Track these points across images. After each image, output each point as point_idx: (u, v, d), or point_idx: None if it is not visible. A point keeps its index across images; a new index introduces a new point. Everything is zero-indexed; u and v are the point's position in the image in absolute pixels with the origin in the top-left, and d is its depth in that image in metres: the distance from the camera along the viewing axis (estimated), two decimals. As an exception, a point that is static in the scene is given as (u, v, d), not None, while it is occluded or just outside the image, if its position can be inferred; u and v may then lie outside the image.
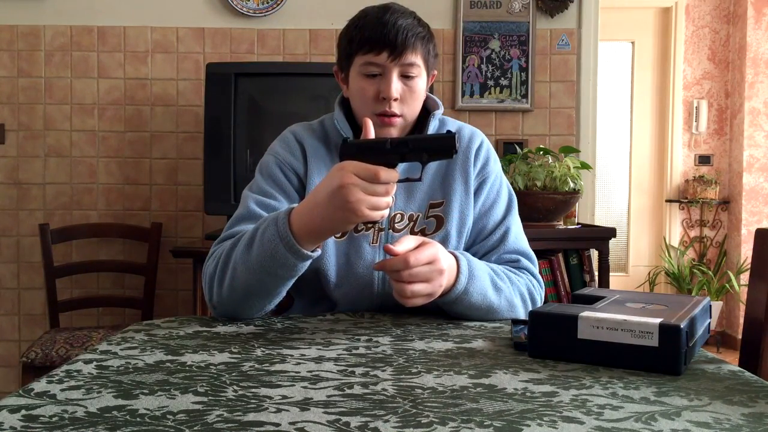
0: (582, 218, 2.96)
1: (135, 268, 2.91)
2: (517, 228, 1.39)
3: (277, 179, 1.33)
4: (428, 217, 1.33)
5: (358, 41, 1.28)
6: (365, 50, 1.27)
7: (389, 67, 1.27)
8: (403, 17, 1.27)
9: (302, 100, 2.74)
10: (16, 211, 3.01)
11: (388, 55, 1.26)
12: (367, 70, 1.28)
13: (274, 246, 1.10)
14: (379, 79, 1.28)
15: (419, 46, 1.28)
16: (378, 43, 1.26)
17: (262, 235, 1.13)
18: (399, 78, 1.28)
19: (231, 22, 2.99)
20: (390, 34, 1.25)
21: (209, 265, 1.23)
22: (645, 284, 4.73)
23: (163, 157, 3.01)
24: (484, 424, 0.66)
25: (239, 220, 1.28)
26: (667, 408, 0.72)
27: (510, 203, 1.40)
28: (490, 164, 1.40)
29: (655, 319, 0.87)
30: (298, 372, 0.85)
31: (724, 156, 4.69)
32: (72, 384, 0.78)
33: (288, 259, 1.11)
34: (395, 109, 1.29)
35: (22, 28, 2.98)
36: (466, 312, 1.22)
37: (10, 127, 3.00)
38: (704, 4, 4.66)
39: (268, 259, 1.12)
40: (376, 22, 1.26)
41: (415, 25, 1.28)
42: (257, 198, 1.30)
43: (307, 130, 1.39)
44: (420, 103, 1.34)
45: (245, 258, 1.14)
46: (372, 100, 1.29)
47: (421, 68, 1.30)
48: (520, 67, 3.02)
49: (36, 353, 2.47)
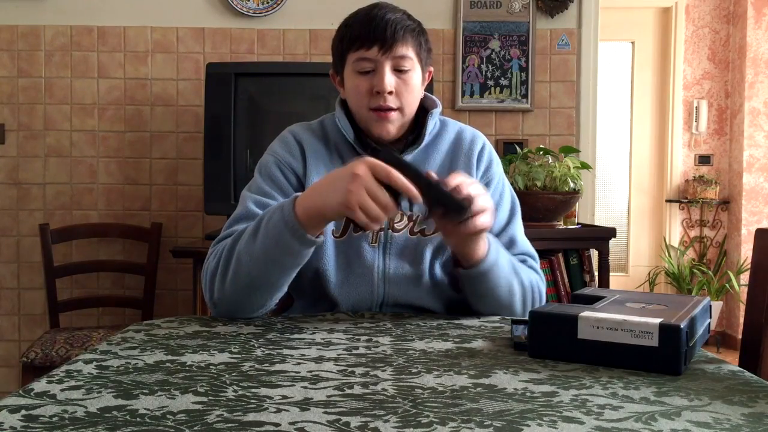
0: (582, 218, 2.96)
1: (135, 268, 2.91)
2: (521, 229, 1.40)
3: (276, 179, 1.33)
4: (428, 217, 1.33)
5: (348, 39, 1.29)
6: (356, 47, 1.28)
7: (381, 60, 1.27)
8: (392, 12, 1.29)
9: (302, 100, 2.74)
10: (16, 211, 3.01)
11: (379, 48, 1.26)
12: (360, 67, 1.29)
13: (279, 232, 1.12)
14: (372, 75, 1.29)
15: (410, 38, 1.29)
16: (368, 37, 1.27)
17: (268, 222, 1.14)
18: (392, 72, 1.28)
19: (231, 22, 2.99)
20: (379, 28, 1.26)
21: (209, 262, 1.23)
22: (645, 284, 4.73)
23: (163, 157, 3.01)
24: (484, 424, 0.66)
25: (238, 220, 1.28)
26: (667, 408, 0.72)
27: (513, 206, 1.40)
28: (493, 167, 1.40)
29: (655, 319, 0.87)
30: (298, 372, 0.85)
31: (724, 156, 4.69)
32: (72, 384, 0.78)
33: (293, 245, 1.12)
34: (390, 103, 1.29)
35: (22, 28, 2.98)
36: (492, 288, 1.23)
37: (10, 127, 3.00)
38: (704, 4, 4.66)
39: (272, 246, 1.13)
40: (365, 18, 1.28)
41: (405, 19, 1.29)
42: (256, 198, 1.30)
43: (306, 130, 1.39)
44: (417, 98, 1.34)
45: (250, 248, 1.15)
46: (366, 95, 1.29)
47: (414, 61, 1.30)
48: (520, 67, 3.02)
49: (36, 353, 2.47)
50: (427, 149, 1.37)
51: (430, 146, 1.38)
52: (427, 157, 1.37)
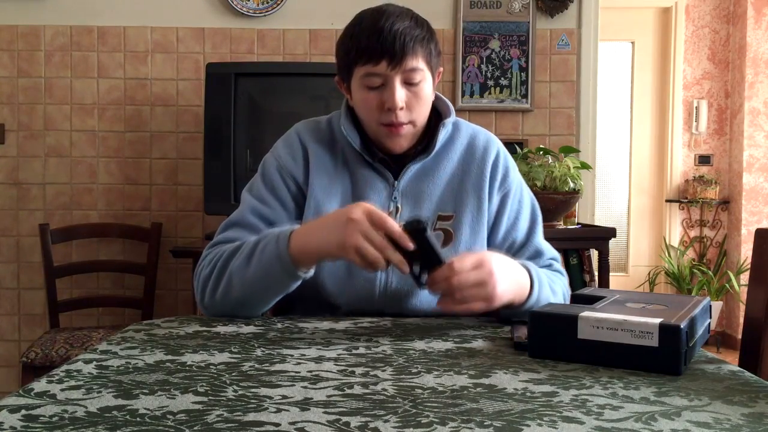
0: (582, 218, 2.96)
1: (135, 268, 2.90)
2: (542, 233, 1.37)
3: (276, 187, 1.30)
4: (435, 229, 1.29)
5: (355, 52, 1.21)
6: (363, 61, 1.21)
7: (390, 75, 1.21)
8: (399, 20, 1.20)
9: (302, 100, 2.74)
10: (16, 211, 3.01)
11: (388, 63, 1.20)
12: (369, 82, 1.22)
13: (271, 264, 1.14)
14: (382, 89, 1.22)
15: (419, 49, 1.21)
16: (376, 52, 1.19)
17: (262, 251, 1.15)
18: (402, 85, 1.22)
19: (231, 22, 2.99)
20: (387, 42, 1.18)
21: (204, 268, 1.24)
22: (645, 284, 4.73)
23: (163, 157, 3.01)
24: (484, 424, 0.66)
25: (232, 225, 1.28)
26: (667, 408, 0.72)
27: (534, 213, 1.36)
28: (510, 175, 1.35)
29: (655, 319, 0.87)
30: (298, 372, 0.85)
31: (724, 156, 4.69)
32: (72, 384, 0.78)
33: (283, 278, 1.15)
34: (402, 119, 1.24)
35: (22, 28, 2.98)
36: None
37: (10, 127, 3.00)
38: (704, 4, 4.66)
39: (263, 275, 1.15)
40: (372, 30, 1.19)
41: (413, 27, 1.21)
42: (254, 205, 1.29)
43: (313, 131, 1.35)
44: (428, 107, 1.29)
45: (242, 272, 1.17)
46: (377, 111, 1.24)
47: (425, 71, 1.24)
48: (520, 67, 3.02)
49: (36, 353, 2.47)
50: (437, 157, 1.32)
51: (440, 153, 1.33)
52: (437, 165, 1.32)
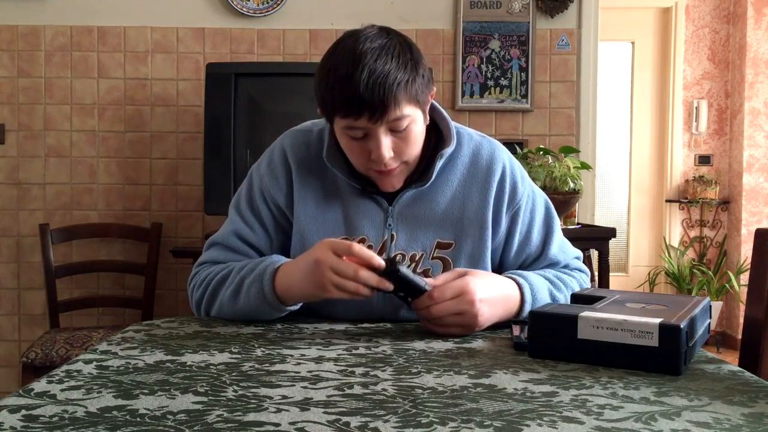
0: (582, 218, 2.96)
1: (135, 268, 2.91)
2: (560, 237, 1.31)
3: (259, 208, 1.27)
4: (433, 257, 1.22)
5: (331, 105, 1.11)
6: (342, 114, 1.11)
7: (373, 128, 1.11)
8: (378, 63, 1.08)
9: (302, 100, 2.74)
10: (16, 211, 3.01)
11: (369, 118, 1.09)
12: (352, 133, 1.14)
13: (258, 303, 1.16)
14: (366, 139, 1.14)
15: (402, 96, 1.09)
16: (353, 108, 1.09)
17: (248, 289, 1.16)
18: (387, 134, 1.13)
19: (231, 22, 2.99)
20: (365, 97, 1.07)
21: (195, 289, 1.26)
22: (645, 284, 4.73)
23: (163, 157, 3.01)
24: (484, 424, 0.66)
25: (217, 244, 1.29)
26: (667, 408, 0.72)
27: (548, 221, 1.30)
28: (519, 190, 1.26)
29: (655, 319, 0.87)
30: (298, 372, 0.85)
31: (724, 156, 4.69)
32: (72, 384, 0.78)
33: (272, 314, 1.17)
34: (391, 165, 1.16)
35: (22, 28, 2.98)
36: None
37: (10, 127, 3.00)
38: (704, 4, 4.65)
39: (251, 309, 1.18)
40: (347, 82, 1.07)
41: (394, 69, 1.08)
42: (237, 228, 1.27)
43: (301, 146, 1.26)
44: (419, 144, 1.19)
45: (231, 304, 1.20)
46: (363, 157, 1.16)
47: (412, 115, 1.13)
48: (520, 67, 3.02)
49: (36, 353, 2.47)
50: (435, 180, 1.23)
51: (439, 175, 1.24)
52: (435, 189, 1.24)
